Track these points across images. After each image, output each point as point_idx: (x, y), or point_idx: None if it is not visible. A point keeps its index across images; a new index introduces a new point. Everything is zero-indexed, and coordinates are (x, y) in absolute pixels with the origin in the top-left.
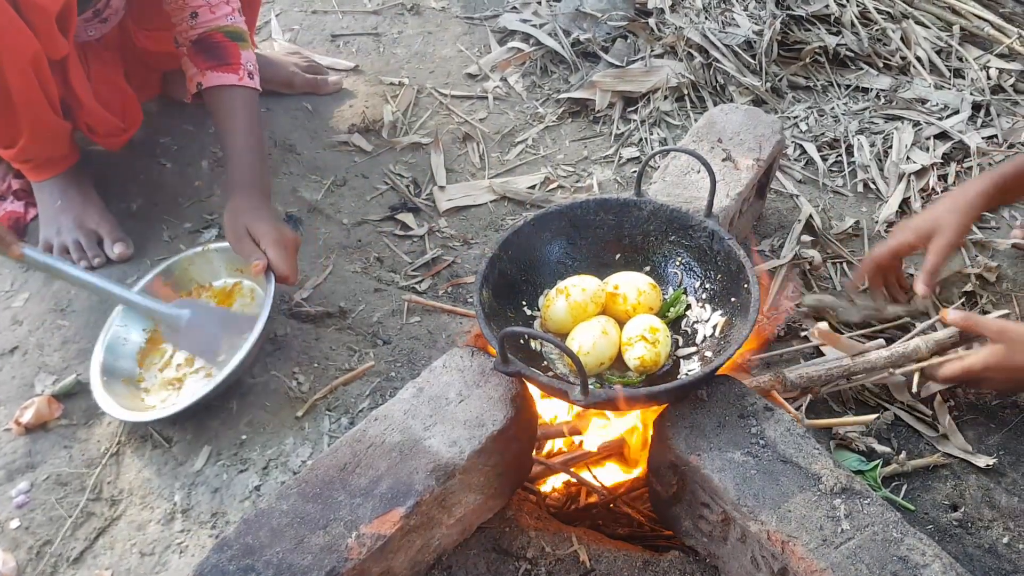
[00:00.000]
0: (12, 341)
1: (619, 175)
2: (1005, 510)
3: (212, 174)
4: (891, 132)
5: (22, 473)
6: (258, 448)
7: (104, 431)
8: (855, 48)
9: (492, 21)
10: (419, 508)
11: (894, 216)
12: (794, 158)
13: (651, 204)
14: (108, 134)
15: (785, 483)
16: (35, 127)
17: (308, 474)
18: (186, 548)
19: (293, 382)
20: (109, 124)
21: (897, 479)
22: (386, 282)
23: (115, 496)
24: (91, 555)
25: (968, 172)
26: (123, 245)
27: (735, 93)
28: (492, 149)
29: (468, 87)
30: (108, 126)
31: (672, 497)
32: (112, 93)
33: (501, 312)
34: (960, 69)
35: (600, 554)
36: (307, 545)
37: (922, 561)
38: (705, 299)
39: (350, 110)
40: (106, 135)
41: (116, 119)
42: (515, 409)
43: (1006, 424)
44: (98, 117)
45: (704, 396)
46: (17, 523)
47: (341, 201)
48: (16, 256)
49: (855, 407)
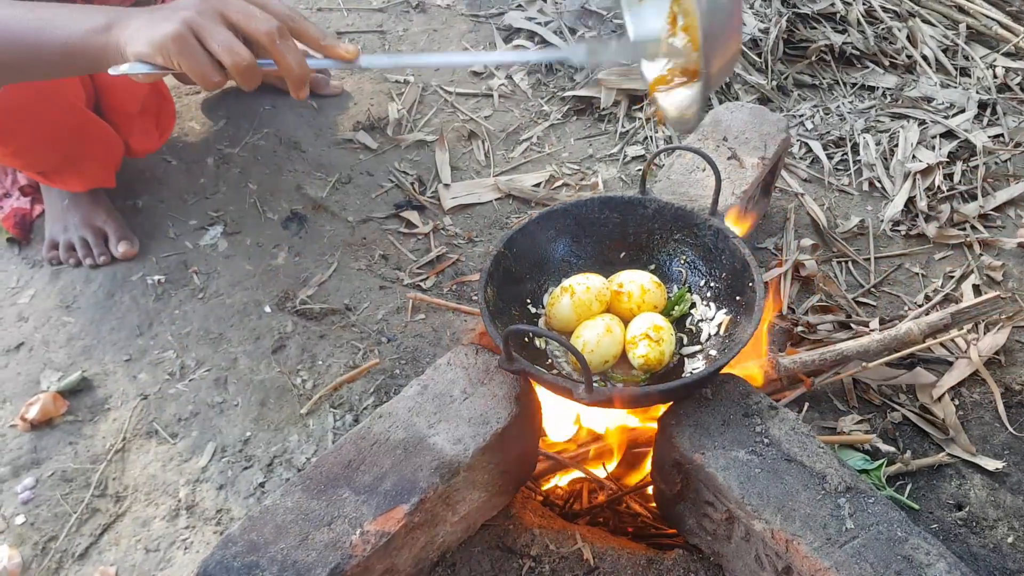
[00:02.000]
0: (18, 337)
1: (624, 173)
2: (1010, 509)
3: (217, 171)
4: (897, 131)
5: (27, 469)
6: (263, 445)
7: (109, 427)
8: (861, 46)
9: (497, 19)
10: (423, 505)
11: (899, 215)
12: (799, 156)
13: (656, 202)
14: (145, 150)
15: (789, 482)
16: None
17: (312, 471)
18: (191, 544)
19: (297, 379)
20: (149, 140)
21: (902, 478)
22: (390, 279)
23: (120, 492)
24: (96, 551)
25: (974, 171)
26: (128, 244)
27: (741, 91)
28: (497, 147)
29: (473, 85)
30: (147, 143)
31: (676, 495)
32: (152, 96)
33: (506, 310)
34: (966, 68)
35: (604, 552)
36: (311, 542)
37: (926, 560)
38: (710, 297)
39: (355, 108)
40: (142, 151)
41: (154, 132)
42: (519, 407)
43: (1012, 423)
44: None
45: (708, 394)
46: (22, 519)
47: (346, 199)
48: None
49: (859, 405)
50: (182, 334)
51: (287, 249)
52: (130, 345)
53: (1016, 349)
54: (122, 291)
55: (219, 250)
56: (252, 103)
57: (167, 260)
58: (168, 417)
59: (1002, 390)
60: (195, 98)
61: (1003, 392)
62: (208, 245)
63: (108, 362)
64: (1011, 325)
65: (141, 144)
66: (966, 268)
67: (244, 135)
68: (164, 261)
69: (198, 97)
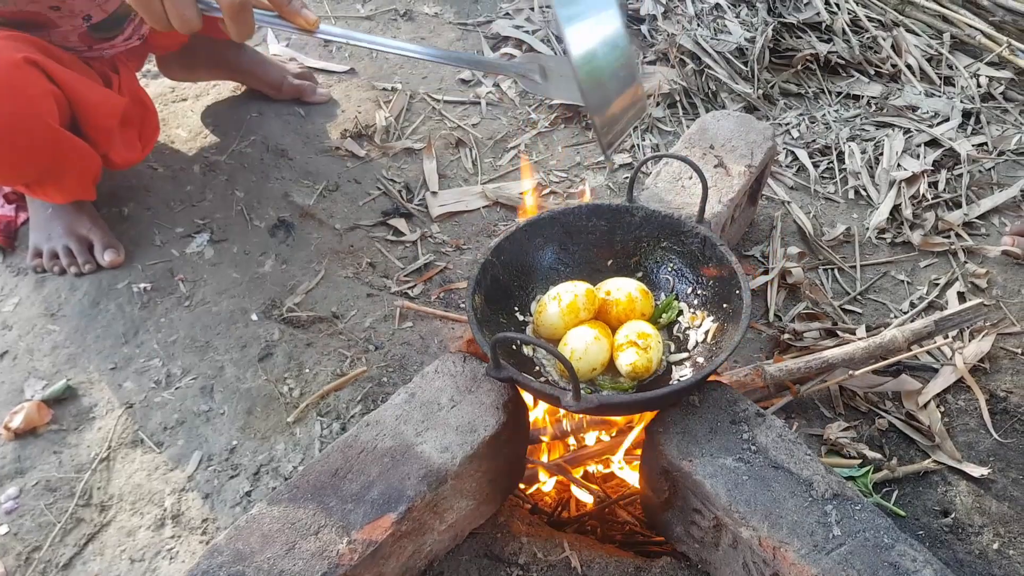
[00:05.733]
0: (2, 346)
1: (611, 181)
2: (996, 516)
3: (204, 178)
4: (882, 139)
5: (11, 479)
6: (249, 454)
7: (94, 436)
8: (846, 55)
9: (485, 27)
10: (411, 514)
11: (885, 223)
12: (786, 164)
13: (643, 210)
14: (127, 162)
15: (777, 489)
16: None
17: (299, 480)
18: (176, 554)
19: (284, 387)
20: (131, 152)
21: (888, 485)
22: (378, 287)
23: (105, 502)
24: (80, 561)
25: (959, 179)
26: (114, 252)
27: (727, 100)
28: (485, 155)
29: (461, 92)
30: (130, 155)
31: (664, 503)
32: (134, 107)
33: (493, 318)
34: (951, 77)
35: (592, 560)
36: (298, 551)
37: (913, 567)
38: (697, 305)
39: (343, 115)
40: (124, 163)
41: (136, 144)
42: (507, 415)
43: (997, 430)
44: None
45: (696, 402)
46: (6, 529)
47: (333, 206)
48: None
49: (845, 412)
50: (168, 342)
51: (274, 257)
52: (115, 353)
53: (1001, 356)
54: (107, 299)
55: (205, 258)
56: (239, 110)
57: (153, 268)
58: (154, 426)
59: (987, 397)
60: (181, 105)
61: (988, 399)
62: (194, 253)
63: (93, 370)
64: (995, 332)
65: (123, 156)
66: (951, 275)
67: (231, 142)
68: (150, 269)
69: (184, 104)
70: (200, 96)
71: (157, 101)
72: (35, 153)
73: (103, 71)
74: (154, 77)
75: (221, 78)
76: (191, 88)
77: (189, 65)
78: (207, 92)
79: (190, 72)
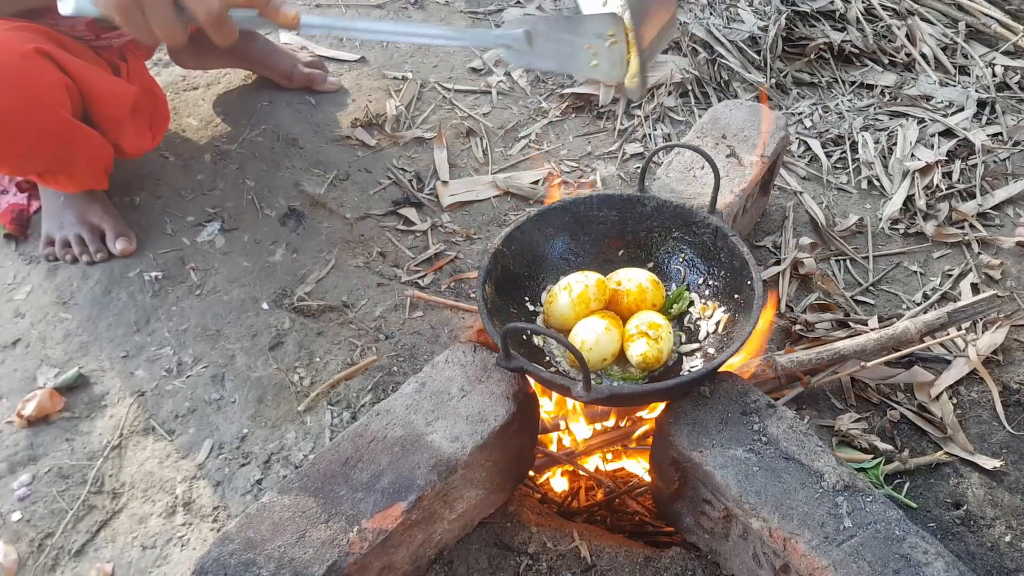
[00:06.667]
0: (14, 334)
1: (623, 171)
2: (1008, 508)
3: (215, 168)
4: (896, 129)
5: (24, 466)
6: (260, 442)
7: (106, 424)
8: (860, 44)
9: (496, 15)
10: (421, 503)
11: (898, 213)
12: (798, 154)
13: (654, 200)
14: (138, 151)
15: (787, 480)
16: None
17: (310, 468)
18: (187, 541)
19: (295, 376)
20: (142, 141)
21: (899, 477)
22: (388, 277)
23: (117, 489)
24: (92, 548)
25: (973, 170)
26: (125, 240)
27: (739, 89)
28: (495, 144)
29: (471, 81)
30: (141, 144)
31: (674, 493)
32: (144, 96)
33: (504, 308)
34: (965, 66)
35: (601, 550)
36: (309, 539)
37: (924, 559)
38: (708, 295)
39: (353, 104)
40: (135, 152)
41: (147, 132)
42: (517, 405)
43: (1010, 422)
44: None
45: (707, 393)
46: (19, 516)
47: (344, 195)
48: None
49: (857, 404)
50: (179, 331)
51: (285, 246)
52: (127, 342)
53: (1014, 348)
54: (119, 287)
55: (216, 247)
56: (250, 99)
57: (164, 256)
58: (165, 414)
59: (1000, 389)
60: (192, 94)
61: (1001, 391)
62: (205, 242)
63: (105, 359)
64: (1009, 324)
65: (134, 145)
66: (964, 266)
67: (242, 131)
68: (161, 257)
69: (195, 93)
70: (211, 85)
71: (168, 90)
72: (47, 143)
73: (112, 60)
74: (165, 66)
75: (232, 67)
76: (202, 77)
77: (200, 54)
78: (218, 81)
79: (201, 61)
